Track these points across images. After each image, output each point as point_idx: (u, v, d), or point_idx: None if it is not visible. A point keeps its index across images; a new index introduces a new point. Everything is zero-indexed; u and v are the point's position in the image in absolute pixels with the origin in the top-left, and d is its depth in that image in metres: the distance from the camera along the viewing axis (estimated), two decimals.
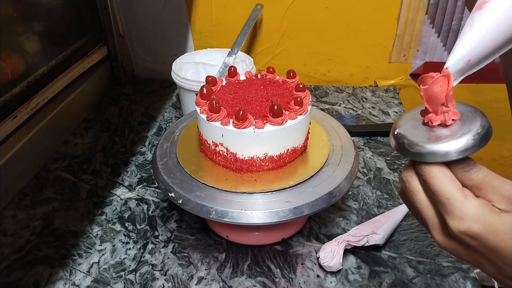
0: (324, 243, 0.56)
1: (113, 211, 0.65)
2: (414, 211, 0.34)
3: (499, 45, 0.29)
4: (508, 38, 0.29)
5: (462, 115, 0.31)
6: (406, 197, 0.34)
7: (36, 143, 0.73)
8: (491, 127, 0.30)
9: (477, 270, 0.55)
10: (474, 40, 0.30)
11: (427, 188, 0.31)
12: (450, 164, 0.30)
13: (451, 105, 0.31)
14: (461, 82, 0.32)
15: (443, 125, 0.31)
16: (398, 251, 0.57)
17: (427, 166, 0.31)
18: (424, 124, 0.33)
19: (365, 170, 0.73)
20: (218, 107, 0.50)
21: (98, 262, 0.56)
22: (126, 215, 0.64)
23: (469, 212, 0.28)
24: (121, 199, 0.68)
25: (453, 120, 0.31)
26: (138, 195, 0.68)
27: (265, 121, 0.49)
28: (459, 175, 0.30)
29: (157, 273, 0.54)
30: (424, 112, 0.33)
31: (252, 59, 0.83)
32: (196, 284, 0.53)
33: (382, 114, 0.91)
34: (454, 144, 0.29)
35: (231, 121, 0.49)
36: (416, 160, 0.32)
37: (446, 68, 0.30)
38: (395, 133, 0.34)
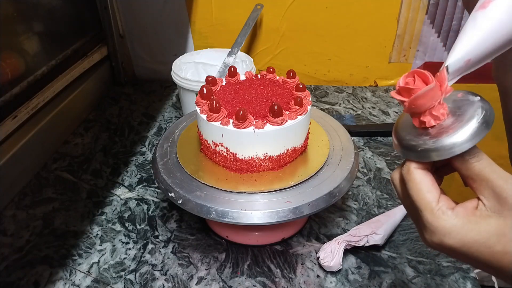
0: (324, 243, 0.56)
1: (113, 211, 0.65)
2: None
3: (500, 45, 0.29)
4: (510, 39, 0.28)
5: (458, 107, 0.31)
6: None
7: (36, 143, 0.73)
8: (485, 120, 0.29)
9: (477, 270, 0.55)
10: (476, 39, 0.29)
11: (408, 196, 0.31)
12: None
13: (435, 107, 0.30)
14: (461, 82, 0.32)
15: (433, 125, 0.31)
16: (398, 251, 0.57)
17: (409, 173, 0.31)
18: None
19: (365, 170, 0.73)
20: (218, 107, 0.50)
21: (98, 262, 0.56)
22: (126, 215, 0.64)
23: (438, 227, 0.28)
24: (121, 199, 0.68)
25: (442, 116, 0.30)
26: (138, 195, 0.68)
27: (265, 121, 0.49)
28: (457, 164, 0.30)
29: (157, 273, 0.54)
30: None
31: (252, 59, 0.83)
32: (196, 284, 0.53)
33: (382, 114, 0.91)
34: (442, 142, 0.29)
35: (231, 121, 0.49)
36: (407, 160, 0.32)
37: (446, 66, 0.30)
38: (393, 131, 0.34)
